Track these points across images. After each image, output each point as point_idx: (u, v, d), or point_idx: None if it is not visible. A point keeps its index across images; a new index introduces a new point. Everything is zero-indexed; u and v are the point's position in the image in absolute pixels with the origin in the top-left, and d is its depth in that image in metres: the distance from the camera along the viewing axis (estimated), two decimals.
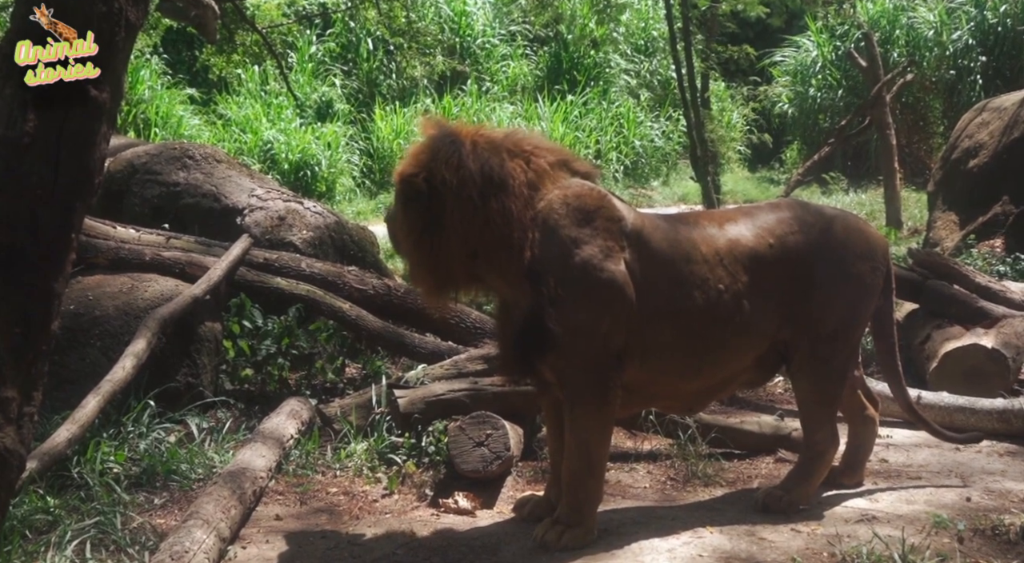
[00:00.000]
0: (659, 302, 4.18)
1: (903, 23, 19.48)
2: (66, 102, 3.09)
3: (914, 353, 6.73)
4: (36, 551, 3.90)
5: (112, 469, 4.74)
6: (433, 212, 4.09)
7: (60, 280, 3.20)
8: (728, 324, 4.30)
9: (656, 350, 4.22)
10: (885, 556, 3.88)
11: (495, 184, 4.07)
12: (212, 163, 7.55)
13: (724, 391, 4.77)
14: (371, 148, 17.67)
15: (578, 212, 4.12)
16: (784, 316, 4.41)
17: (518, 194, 4.09)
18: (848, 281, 4.48)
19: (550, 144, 4.40)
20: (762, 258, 4.37)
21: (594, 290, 4.07)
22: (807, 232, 4.46)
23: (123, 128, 15.35)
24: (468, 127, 4.25)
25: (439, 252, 4.13)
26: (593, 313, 4.06)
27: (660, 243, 4.24)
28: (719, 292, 4.27)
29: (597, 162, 18.29)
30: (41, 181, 3.07)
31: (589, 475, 4.17)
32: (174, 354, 5.67)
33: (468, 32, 20.46)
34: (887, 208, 13.69)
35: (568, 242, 4.07)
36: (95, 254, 5.99)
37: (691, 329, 4.24)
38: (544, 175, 4.18)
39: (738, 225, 4.45)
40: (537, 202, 4.12)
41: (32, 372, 3.18)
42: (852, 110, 15.80)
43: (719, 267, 4.29)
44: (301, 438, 5.15)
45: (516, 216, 4.07)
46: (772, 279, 4.37)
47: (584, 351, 4.07)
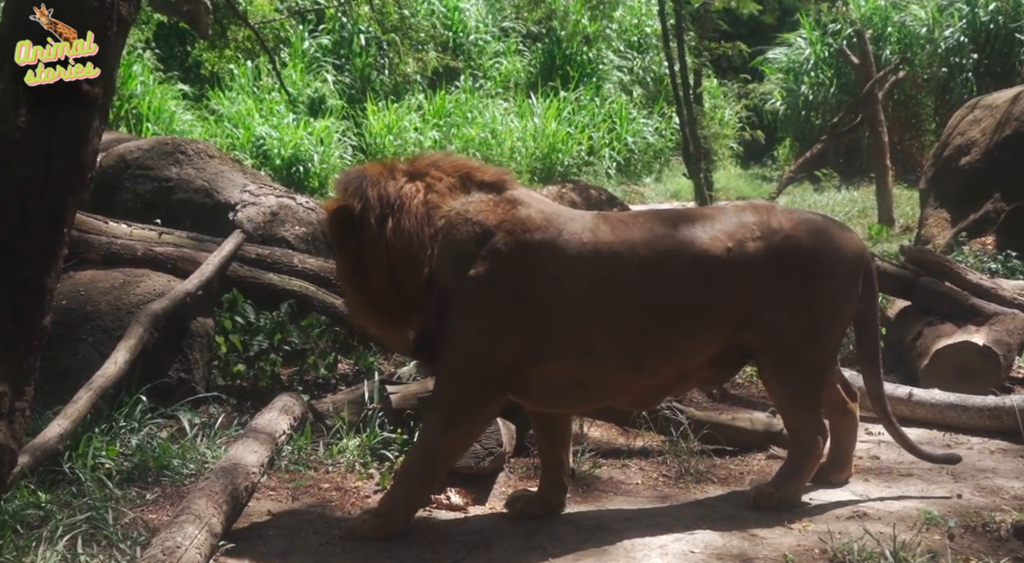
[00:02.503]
0: (582, 306, 4.19)
1: (895, 20, 19.52)
2: (61, 98, 3.08)
3: (905, 350, 6.74)
4: (27, 546, 3.89)
5: (104, 464, 4.73)
6: (356, 247, 4.27)
7: (52, 275, 3.20)
8: (670, 325, 4.29)
9: (585, 349, 4.21)
10: (876, 553, 3.89)
11: (391, 206, 4.23)
12: (205, 158, 7.53)
13: (678, 388, 4.78)
14: (364, 144, 17.63)
15: (473, 228, 4.20)
16: (742, 319, 4.36)
17: (414, 213, 4.22)
18: (815, 288, 4.43)
19: (454, 160, 4.48)
20: (717, 262, 4.31)
21: (475, 311, 4.16)
22: (770, 238, 4.39)
23: (115, 123, 15.31)
24: (383, 161, 4.49)
25: (368, 285, 4.31)
26: (473, 332, 4.17)
27: (583, 249, 4.22)
28: (659, 295, 4.26)
29: (590, 159, 18.31)
30: (33, 176, 3.07)
31: (417, 480, 4.24)
32: (166, 349, 5.66)
33: (461, 28, 20.43)
34: (879, 205, 13.72)
35: (457, 258, 4.17)
36: (87, 249, 5.97)
37: (625, 329, 4.25)
38: (443, 193, 4.28)
39: (694, 227, 4.39)
40: (436, 219, 4.23)
41: (23, 367, 3.18)
42: (844, 107, 15.82)
43: (660, 270, 4.27)
44: (293, 434, 5.14)
45: (413, 234, 4.20)
46: (728, 284, 4.32)
47: (458, 365, 4.18)
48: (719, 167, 19.70)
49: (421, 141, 17.22)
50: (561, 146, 17.83)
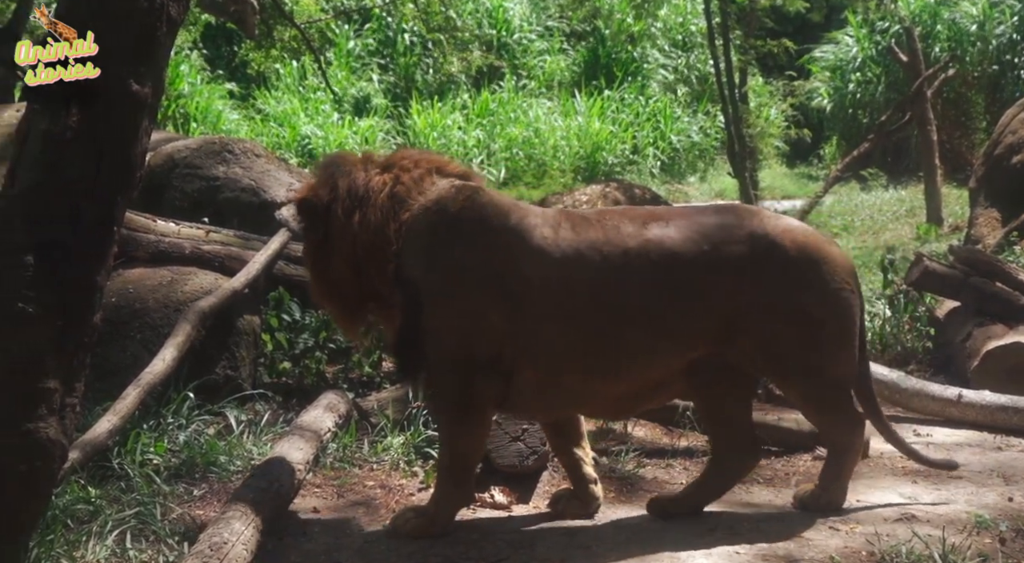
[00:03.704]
0: (542, 304, 4.10)
1: (945, 18, 19.25)
2: (112, 98, 3.11)
3: (955, 351, 6.66)
4: (78, 540, 3.95)
5: (152, 460, 4.78)
6: (323, 235, 4.29)
7: (102, 273, 3.23)
8: (634, 329, 4.12)
9: (553, 352, 4.12)
10: (925, 555, 3.84)
11: (358, 199, 4.22)
12: (251, 157, 7.58)
13: (653, 398, 4.51)
14: (407, 142, 17.69)
15: (436, 217, 4.17)
16: (726, 328, 4.16)
17: (379, 206, 4.20)
18: (804, 298, 4.20)
19: (425, 155, 4.50)
20: (688, 264, 4.13)
21: (449, 298, 4.11)
22: (753, 243, 4.18)
23: (163, 123, 15.48)
24: (364, 152, 4.46)
25: (330, 273, 4.32)
26: (450, 319, 4.11)
27: (543, 242, 4.14)
28: (622, 296, 4.11)
29: (634, 157, 18.24)
30: (83, 175, 3.11)
31: (450, 480, 4.23)
32: (213, 347, 5.70)
33: (505, 27, 20.44)
34: (927, 204, 13.55)
35: (423, 250, 4.13)
36: (136, 248, 6.04)
37: (585, 331, 4.11)
38: (411, 186, 4.24)
39: (666, 227, 4.20)
40: (402, 213, 4.19)
41: (74, 364, 3.21)
42: (892, 106, 15.64)
43: (623, 270, 4.11)
44: (338, 431, 5.17)
45: (379, 227, 4.18)
46: (700, 288, 4.14)
47: (443, 357, 4.14)
48: (764, 166, 19.56)
49: (465, 140, 17.26)
50: (605, 145, 17.78)
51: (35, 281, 3.07)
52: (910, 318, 7.26)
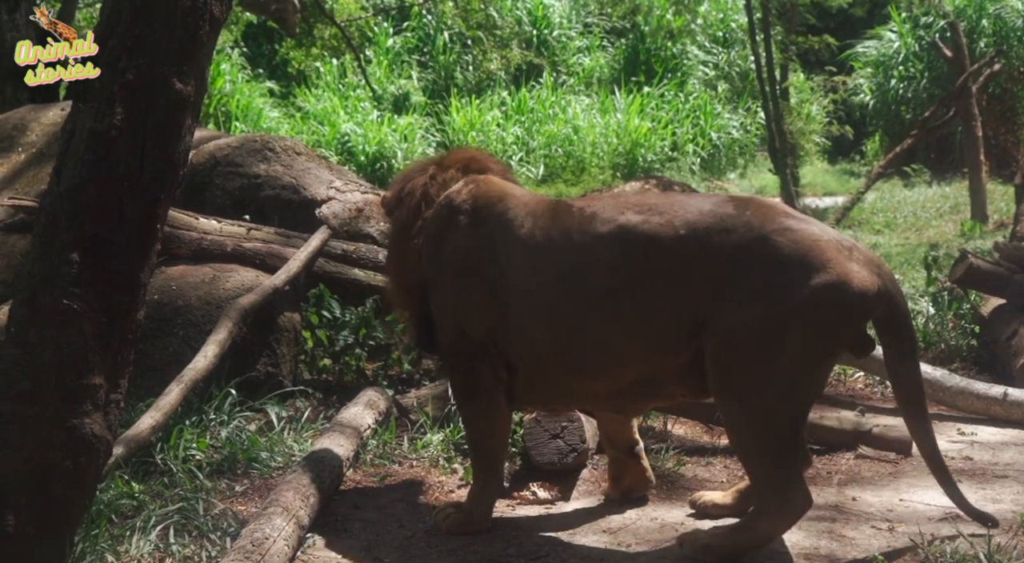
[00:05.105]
0: (521, 295, 4.07)
1: (990, 12, 19.01)
2: (155, 96, 3.14)
3: (1000, 349, 6.57)
4: (122, 535, 3.99)
5: (194, 456, 4.82)
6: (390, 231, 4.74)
7: (146, 270, 3.26)
8: (606, 322, 3.87)
9: (533, 342, 4.07)
10: (970, 555, 3.80)
11: (402, 198, 4.52)
12: (292, 155, 7.62)
13: (642, 400, 4.22)
14: (446, 140, 17.72)
15: (444, 211, 4.34)
16: (693, 324, 3.77)
17: (408, 205, 4.47)
18: (781, 303, 3.66)
19: (470, 153, 4.71)
20: (666, 252, 3.79)
21: (442, 288, 4.28)
22: (740, 235, 3.74)
23: (204, 121, 15.62)
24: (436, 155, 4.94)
25: (389, 265, 4.79)
26: (444, 308, 4.28)
27: (523, 235, 4.10)
28: (593, 285, 3.89)
29: (673, 154, 18.15)
30: (128, 172, 3.14)
31: (479, 468, 4.31)
32: (254, 344, 5.75)
33: (545, 24, 20.42)
34: (972, 201, 13.39)
35: (432, 241, 4.34)
36: (178, 245, 6.09)
37: (556, 324, 3.98)
38: (441, 185, 4.46)
39: (647, 213, 3.88)
40: (427, 211, 4.43)
41: (118, 360, 3.24)
42: (936, 101, 15.47)
43: (594, 257, 3.89)
44: (378, 428, 5.19)
45: (406, 225, 4.46)
46: (679, 278, 3.78)
47: (446, 345, 4.32)
48: (805, 162, 19.39)
49: (503, 137, 17.25)
50: (644, 142, 17.69)
51: (80, 278, 3.10)
52: (954, 316, 7.18)
